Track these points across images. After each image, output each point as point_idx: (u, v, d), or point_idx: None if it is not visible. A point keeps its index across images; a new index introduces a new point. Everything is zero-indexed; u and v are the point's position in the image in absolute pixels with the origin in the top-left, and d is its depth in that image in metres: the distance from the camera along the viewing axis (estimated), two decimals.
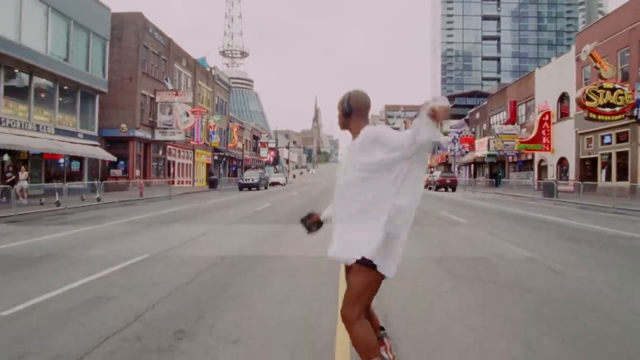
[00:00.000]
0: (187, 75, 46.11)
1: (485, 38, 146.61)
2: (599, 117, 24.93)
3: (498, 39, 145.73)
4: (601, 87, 24.73)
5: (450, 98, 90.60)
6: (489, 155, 46.03)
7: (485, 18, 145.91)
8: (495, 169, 48.32)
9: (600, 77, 25.28)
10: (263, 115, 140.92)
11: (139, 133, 35.09)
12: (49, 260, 7.43)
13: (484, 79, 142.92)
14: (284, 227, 11.49)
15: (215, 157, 55.83)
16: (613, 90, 24.61)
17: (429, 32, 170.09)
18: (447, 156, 65.39)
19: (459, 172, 59.08)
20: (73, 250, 8.32)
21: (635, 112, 20.92)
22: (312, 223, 3.10)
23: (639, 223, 13.54)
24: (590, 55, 25.58)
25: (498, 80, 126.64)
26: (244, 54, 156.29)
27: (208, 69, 54.07)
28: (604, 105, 24.64)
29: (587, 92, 24.95)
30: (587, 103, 24.77)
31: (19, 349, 3.64)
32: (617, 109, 24.47)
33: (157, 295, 5.16)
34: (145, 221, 13.54)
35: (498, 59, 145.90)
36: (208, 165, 53.56)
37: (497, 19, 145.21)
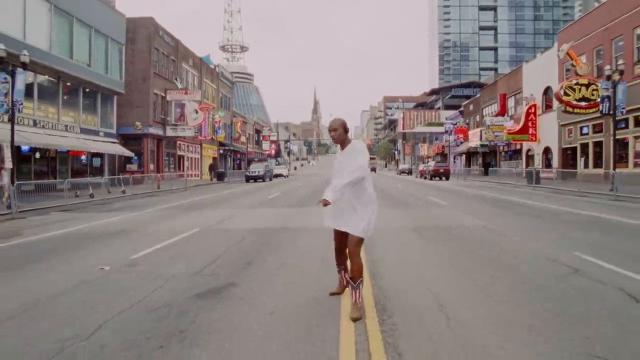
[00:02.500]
0: (194, 74, 48.61)
1: (482, 28, 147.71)
2: (575, 110, 27.48)
3: (495, 28, 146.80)
4: (577, 83, 27.26)
5: (448, 89, 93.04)
6: (481, 146, 48.63)
7: (482, 8, 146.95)
8: (488, 159, 50.90)
9: (576, 73, 27.81)
10: (263, 108, 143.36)
11: (152, 130, 37.65)
12: (128, 233, 10.10)
13: (481, 69, 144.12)
14: (297, 210, 14.13)
15: (221, 151, 58.49)
16: (588, 85, 27.13)
17: (427, 23, 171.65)
18: (443, 147, 67.95)
19: (454, 162, 61.67)
20: (140, 227, 10.99)
21: (601, 107, 23.46)
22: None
23: (587, 202, 16.19)
24: (567, 53, 28.11)
25: (495, 70, 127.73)
26: (243, 49, 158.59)
27: (212, 67, 56.55)
28: (580, 100, 27.17)
29: (564, 87, 27.49)
30: (564, 97, 27.30)
31: (155, 271, 6.27)
32: (592, 102, 26.99)
33: (221, 249, 7.82)
34: (179, 207, 16.23)
35: (495, 49, 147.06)
36: (214, 158, 56.17)
37: (494, 8, 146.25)
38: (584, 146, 31.17)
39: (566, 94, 27.30)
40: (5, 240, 9.39)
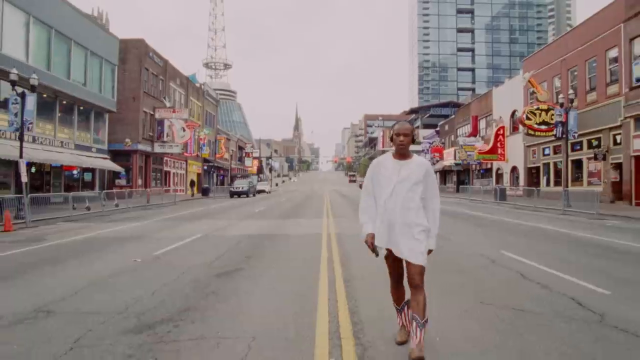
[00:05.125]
0: (181, 93, 50.47)
1: (460, 50, 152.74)
2: (536, 133, 30.08)
3: (472, 50, 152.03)
4: (538, 108, 29.92)
5: (426, 108, 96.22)
6: (455, 164, 51.24)
7: (460, 31, 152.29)
8: (462, 177, 53.53)
9: (537, 99, 30.47)
10: (246, 125, 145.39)
11: (141, 147, 39.26)
12: (141, 238, 11.89)
13: (459, 89, 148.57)
14: (282, 221, 16.05)
15: (205, 168, 60.17)
16: (547, 111, 29.78)
17: (407, 44, 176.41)
18: None
19: None
20: (149, 234, 12.79)
21: (555, 132, 26.06)
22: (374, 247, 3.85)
23: (539, 216, 18.44)
24: (529, 81, 30.81)
25: (473, 90, 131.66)
26: (227, 66, 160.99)
27: (198, 85, 58.48)
28: (540, 124, 29.79)
29: (526, 112, 30.11)
30: (526, 121, 29.90)
31: (177, 262, 8.11)
32: (551, 126, 29.60)
33: (225, 248, 9.70)
34: (176, 219, 18.01)
35: (473, 70, 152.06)
36: (198, 174, 57.77)
37: (472, 31, 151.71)
38: (546, 166, 33.80)
39: (528, 118, 29.90)
40: (38, 243, 11.13)
